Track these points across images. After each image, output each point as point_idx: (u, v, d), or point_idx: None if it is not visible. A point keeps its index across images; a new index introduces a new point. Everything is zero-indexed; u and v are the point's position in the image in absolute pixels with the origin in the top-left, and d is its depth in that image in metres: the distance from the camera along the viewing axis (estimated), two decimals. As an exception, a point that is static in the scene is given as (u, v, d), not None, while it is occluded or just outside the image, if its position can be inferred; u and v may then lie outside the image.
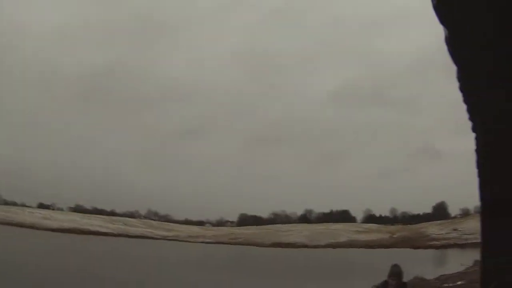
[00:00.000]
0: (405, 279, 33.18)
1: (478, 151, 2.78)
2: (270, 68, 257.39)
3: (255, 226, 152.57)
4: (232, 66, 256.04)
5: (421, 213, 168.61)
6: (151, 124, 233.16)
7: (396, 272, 8.19)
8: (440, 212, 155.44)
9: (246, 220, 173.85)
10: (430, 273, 37.01)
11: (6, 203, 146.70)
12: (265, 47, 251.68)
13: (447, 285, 28.97)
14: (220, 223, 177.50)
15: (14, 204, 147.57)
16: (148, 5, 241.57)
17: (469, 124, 2.93)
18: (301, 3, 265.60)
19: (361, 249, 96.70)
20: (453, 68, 2.98)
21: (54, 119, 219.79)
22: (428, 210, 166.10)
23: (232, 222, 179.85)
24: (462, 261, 43.07)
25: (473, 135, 2.93)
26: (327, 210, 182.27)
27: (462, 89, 2.87)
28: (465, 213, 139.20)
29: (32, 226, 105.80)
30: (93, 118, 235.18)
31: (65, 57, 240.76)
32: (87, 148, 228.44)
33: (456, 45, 2.64)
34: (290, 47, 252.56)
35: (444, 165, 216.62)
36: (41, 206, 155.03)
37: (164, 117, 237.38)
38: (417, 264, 48.67)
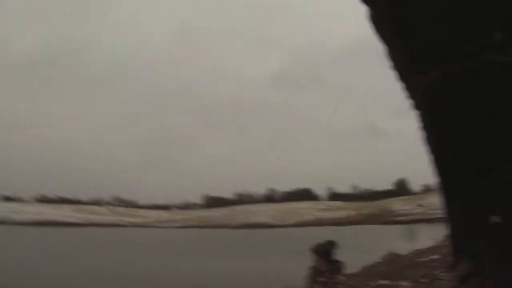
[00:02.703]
0: (378, 255, 32.70)
1: (422, 128, 2.58)
2: (213, 48, 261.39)
3: (222, 208, 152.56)
4: (176, 44, 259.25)
5: (383, 189, 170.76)
6: (104, 107, 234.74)
7: (323, 249, 6.96)
8: (401, 188, 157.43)
9: (211, 202, 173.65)
10: (403, 249, 36.91)
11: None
12: (210, 27, 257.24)
13: (421, 259, 28.81)
14: (187, 206, 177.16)
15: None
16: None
17: (407, 103, 2.70)
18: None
19: (328, 226, 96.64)
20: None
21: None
22: (389, 186, 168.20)
23: (198, 204, 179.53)
24: (432, 235, 43.08)
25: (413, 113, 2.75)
26: (288, 189, 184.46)
27: (394, 67, 2.70)
28: (427, 189, 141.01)
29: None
30: (48, 104, 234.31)
31: (13, 34, 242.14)
32: (45, 137, 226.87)
33: (379, 23, 2.55)
34: (233, 29, 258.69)
35: (394, 143, 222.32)
36: (7, 199, 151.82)
37: (113, 98, 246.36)
38: (388, 240, 48.94)
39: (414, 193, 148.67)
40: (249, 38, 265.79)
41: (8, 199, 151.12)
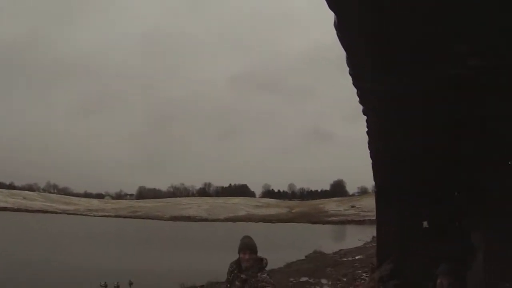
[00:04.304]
0: (305, 253, 33.07)
1: (368, 132, 3.43)
2: (175, 49, 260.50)
3: (155, 200, 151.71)
4: (139, 45, 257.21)
5: (319, 189, 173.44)
6: (54, 99, 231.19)
7: (247, 244, 6.94)
8: (337, 189, 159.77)
9: (145, 193, 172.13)
10: (329, 248, 37.47)
11: None
12: (171, 30, 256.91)
13: (346, 259, 29.34)
14: (119, 196, 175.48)
15: None
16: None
17: (359, 110, 3.33)
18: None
19: (260, 223, 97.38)
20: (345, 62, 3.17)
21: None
22: (326, 187, 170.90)
23: (131, 195, 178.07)
24: (360, 236, 43.95)
25: (363, 119, 3.44)
26: (226, 184, 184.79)
27: (351, 73, 3.11)
28: (363, 191, 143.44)
29: None
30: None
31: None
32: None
33: (343, 29, 2.75)
34: (195, 32, 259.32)
35: (340, 147, 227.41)
36: None
37: (67, 92, 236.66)
38: (316, 238, 49.48)
39: (350, 195, 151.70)
40: (217, 41, 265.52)
41: None
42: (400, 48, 2.95)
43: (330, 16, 2.78)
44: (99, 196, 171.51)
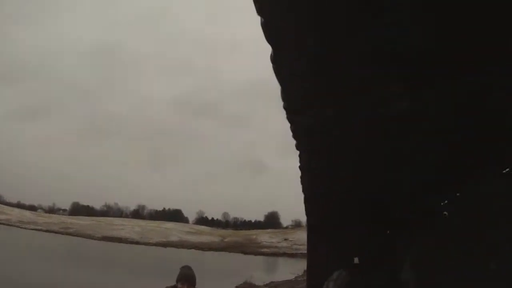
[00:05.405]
0: (235, 283, 32.93)
1: (301, 167, 3.43)
2: (119, 64, 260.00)
3: (87, 217, 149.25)
4: (83, 56, 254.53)
5: (253, 220, 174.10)
6: None
7: (187, 275, 6.96)
8: (271, 221, 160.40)
9: (78, 210, 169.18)
10: (261, 279, 37.41)
11: None
12: (117, 44, 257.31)
13: (275, 291, 29.37)
14: (52, 210, 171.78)
15: None
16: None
17: (293, 144, 3.33)
18: (160, 12, 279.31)
19: (192, 250, 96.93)
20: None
21: None
22: (261, 218, 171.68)
23: (64, 210, 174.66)
24: (292, 270, 43.97)
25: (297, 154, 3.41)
26: (159, 208, 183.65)
27: (285, 107, 3.16)
28: (297, 224, 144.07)
29: None
30: None
31: None
32: None
33: (278, 63, 2.78)
34: (139, 48, 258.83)
35: (276, 178, 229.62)
36: None
37: (4, 95, 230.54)
38: (247, 269, 49.34)
39: (284, 227, 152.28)
40: (160, 61, 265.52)
41: None
42: (334, 86, 3.02)
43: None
44: (32, 208, 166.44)
